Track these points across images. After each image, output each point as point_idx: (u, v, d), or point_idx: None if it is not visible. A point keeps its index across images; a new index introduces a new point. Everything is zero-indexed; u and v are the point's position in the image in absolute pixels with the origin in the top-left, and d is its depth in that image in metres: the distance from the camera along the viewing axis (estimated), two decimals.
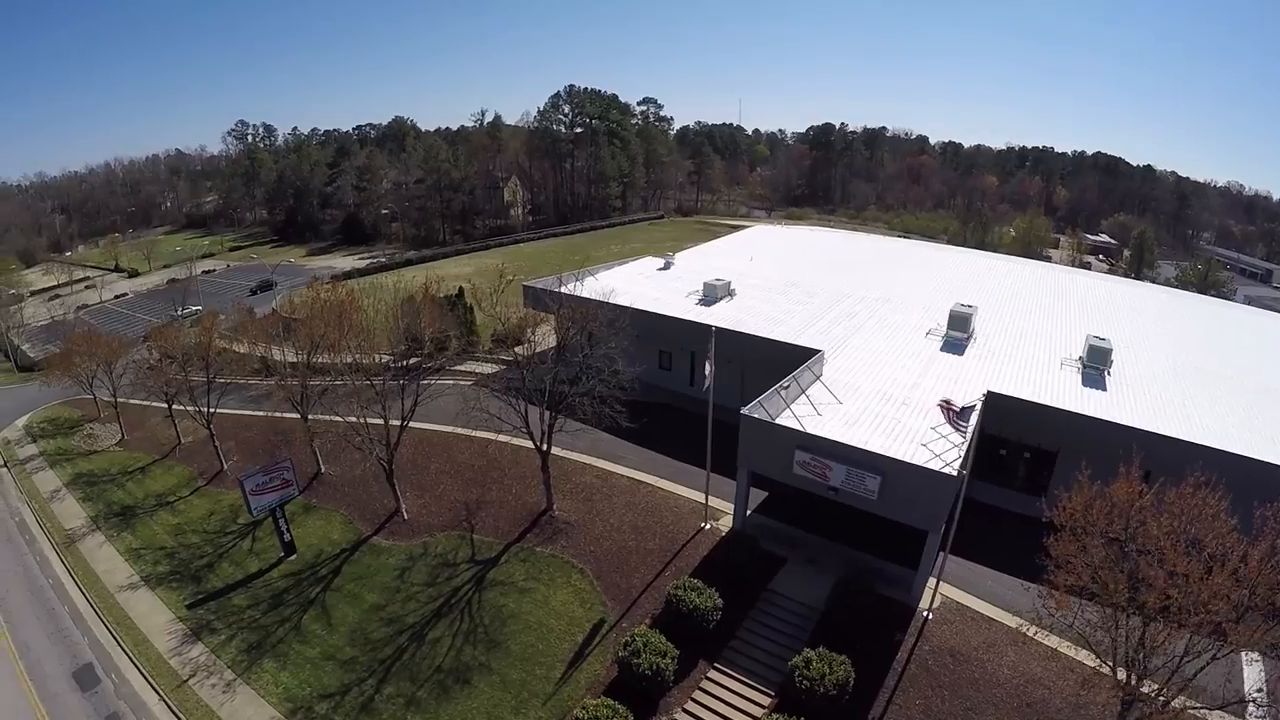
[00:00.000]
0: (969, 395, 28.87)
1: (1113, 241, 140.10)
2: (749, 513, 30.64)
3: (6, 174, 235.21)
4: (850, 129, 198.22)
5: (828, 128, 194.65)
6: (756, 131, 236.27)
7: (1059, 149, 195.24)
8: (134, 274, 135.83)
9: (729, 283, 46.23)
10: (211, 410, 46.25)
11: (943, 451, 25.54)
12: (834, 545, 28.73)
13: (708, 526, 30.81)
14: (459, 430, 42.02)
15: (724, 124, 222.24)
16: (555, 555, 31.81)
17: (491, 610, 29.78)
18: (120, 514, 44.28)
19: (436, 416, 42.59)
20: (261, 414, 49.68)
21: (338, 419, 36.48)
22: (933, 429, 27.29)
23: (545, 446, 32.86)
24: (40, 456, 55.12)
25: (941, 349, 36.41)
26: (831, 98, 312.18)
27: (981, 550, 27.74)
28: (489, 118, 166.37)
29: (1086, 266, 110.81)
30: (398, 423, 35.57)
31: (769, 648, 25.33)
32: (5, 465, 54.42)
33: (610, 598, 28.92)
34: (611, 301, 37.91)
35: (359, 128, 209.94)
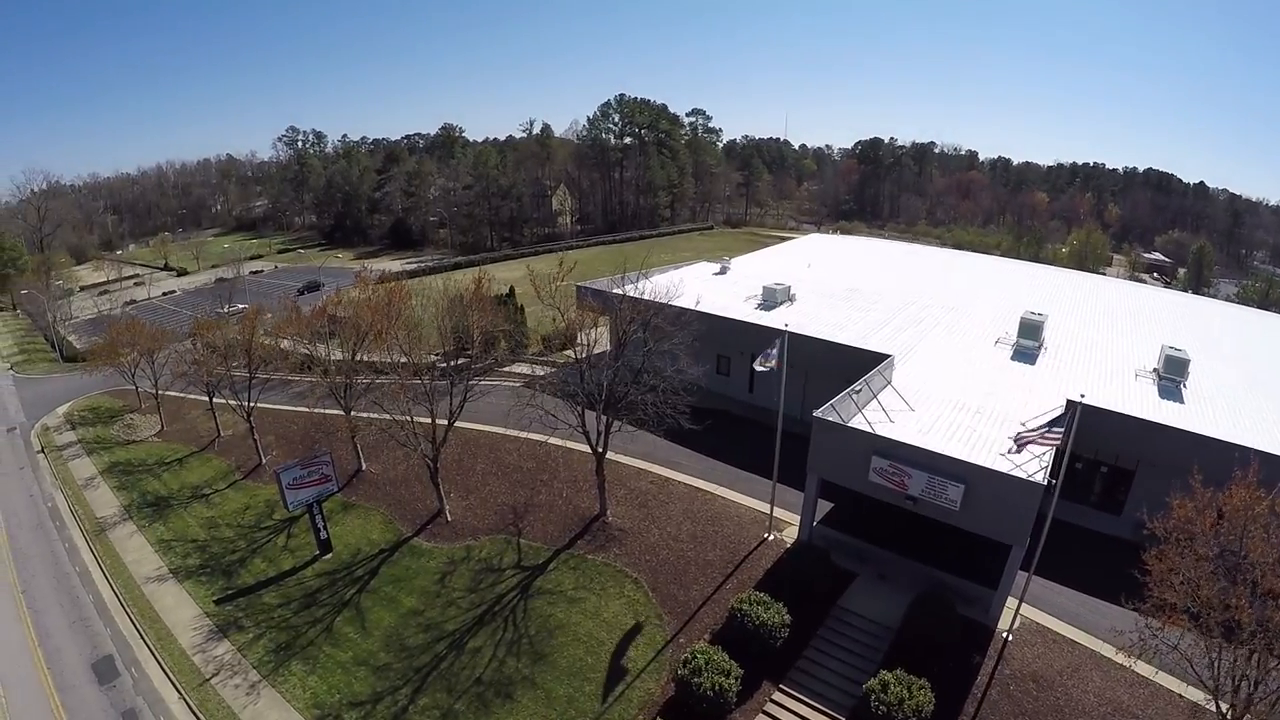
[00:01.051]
0: (1044, 405, 27.93)
1: (1167, 260, 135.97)
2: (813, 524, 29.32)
3: (61, 174, 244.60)
4: (899, 143, 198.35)
5: (876, 142, 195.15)
6: (803, 146, 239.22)
7: (1109, 165, 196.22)
8: (182, 273, 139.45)
9: (789, 287, 45.05)
10: (252, 404, 45.93)
11: (1024, 462, 24.04)
12: (905, 560, 27.52)
13: (771, 537, 29.53)
14: (506, 431, 41.07)
15: (771, 138, 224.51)
16: (608, 564, 30.31)
17: (538, 620, 28.25)
18: (153, 504, 43.82)
19: (483, 416, 41.89)
20: (303, 410, 49.27)
21: (382, 416, 35.21)
22: (1010, 439, 25.69)
23: (601, 449, 31.44)
24: (78, 444, 55.42)
25: (1012, 358, 35.55)
26: (879, 113, 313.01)
27: (1057, 568, 25.65)
28: (537, 128, 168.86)
29: (1142, 283, 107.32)
30: (444, 422, 34.38)
31: (839, 669, 23.95)
32: (42, 451, 54.76)
33: (666, 610, 27.45)
34: (671, 303, 36.17)
35: (407, 137, 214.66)
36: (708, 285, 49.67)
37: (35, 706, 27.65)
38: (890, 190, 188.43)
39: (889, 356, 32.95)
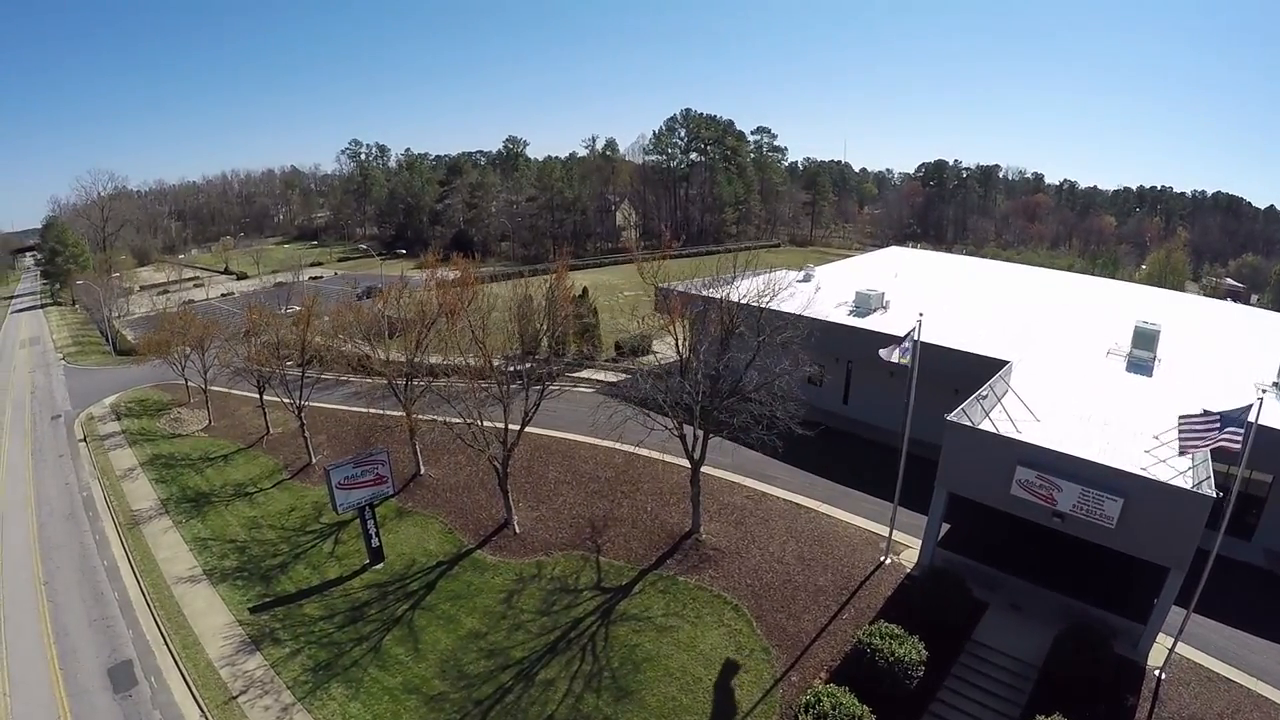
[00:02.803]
0: (1173, 419, 25.31)
1: (1240, 285, 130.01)
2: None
3: (126, 176, 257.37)
4: (963, 165, 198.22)
5: (940, 164, 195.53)
6: (864, 170, 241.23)
7: (1177, 188, 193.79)
8: (241, 276, 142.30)
9: (883, 293, 43.11)
10: (303, 399, 44.22)
11: (1171, 477, 22.22)
12: (1038, 589, 25.28)
13: (888, 561, 27.24)
14: (581, 437, 38.75)
15: (832, 160, 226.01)
16: (703, 587, 27.27)
17: (621, 650, 25.04)
18: (193, 500, 41.90)
19: (555, 421, 39.95)
20: (358, 410, 47.69)
21: (447, 418, 32.37)
22: (1147, 453, 24.50)
23: (699, 454, 28.81)
24: (121, 434, 54.58)
25: (1126, 369, 33.98)
26: (941, 136, 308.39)
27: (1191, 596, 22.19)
28: (600, 143, 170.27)
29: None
30: (516, 427, 31.72)
31: (980, 712, 21.79)
32: (84, 440, 53.98)
33: (774, 643, 24.61)
34: (773, 305, 32.84)
35: (469, 154, 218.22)
36: (792, 292, 46.89)
37: (41, 712, 25.27)
38: (955, 213, 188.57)
39: (1007, 363, 31.12)
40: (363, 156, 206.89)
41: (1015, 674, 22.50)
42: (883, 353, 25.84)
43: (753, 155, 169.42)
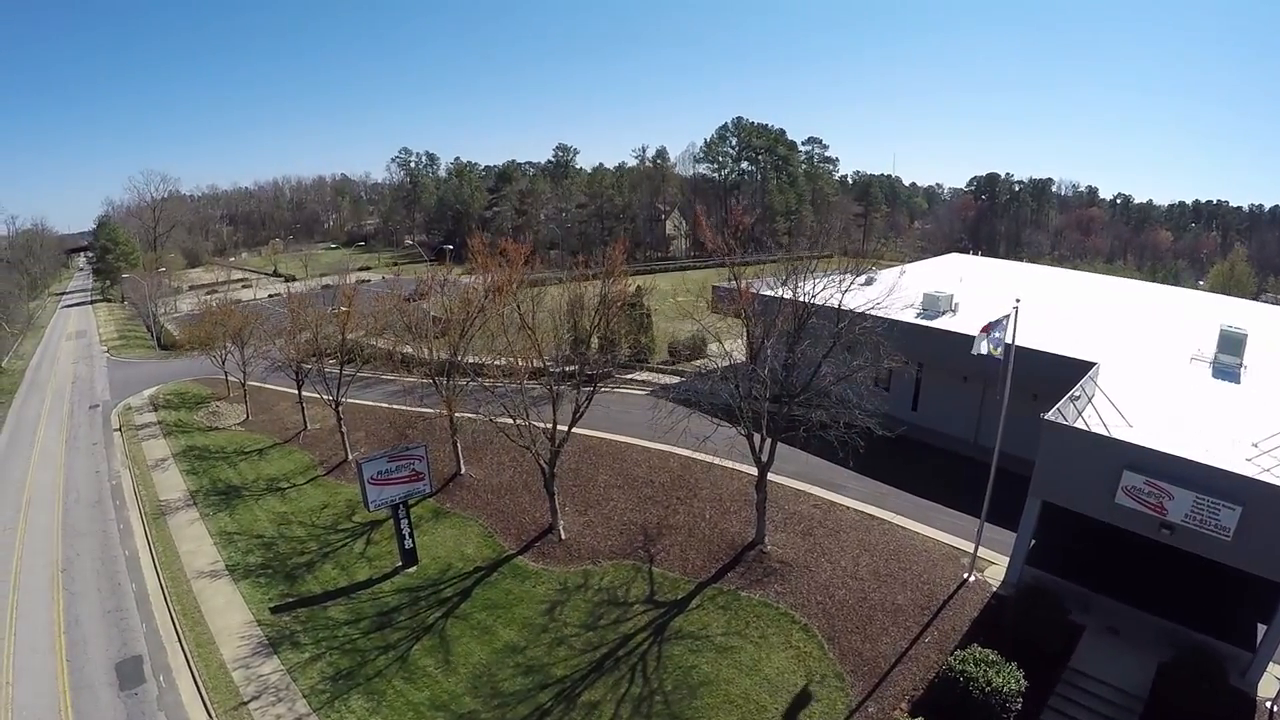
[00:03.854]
0: (1272, 426, 24.49)
1: None
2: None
3: (179, 178, 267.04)
4: (1015, 179, 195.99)
5: (993, 177, 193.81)
6: (914, 185, 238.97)
7: (1234, 203, 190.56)
8: (290, 279, 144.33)
9: (951, 295, 41.14)
10: (341, 391, 43.26)
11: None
12: (1135, 611, 23.39)
13: (972, 579, 25.11)
14: (633, 440, 36.87)
15: (882, 174, 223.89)
16: (768, 604, 25.07)
17: (676, 672, 22.86)
18: (223, 493, 40.86)
19: (604, 423, 38.41)
20: (399, 408, 46.49)
21: (492, 416, 30.55)
22: (1249, 461, 22.39)
23: (766, 458, 26.63)
24: (156, 425, 54.33)
25: (1212, 375, 31.94)
26: (991, 150, 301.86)
27: None
28: (650, 152, 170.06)
29: None
30: (565, 428, 29.72)
31: None
32: (119, 429, 53.74)
33: (849, 668, 22.42)
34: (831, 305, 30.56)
35: (518, 164, 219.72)
36: (855, 293, 44.83)
37: (42, 702, 23.94)
38: (1008, 227, 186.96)
39: (1093, 365, 28.95)
40: (412, 165, 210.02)
41: (1119, 706, 20.70)
42: (981, 348, 23.52)
43: (804, 166, 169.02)
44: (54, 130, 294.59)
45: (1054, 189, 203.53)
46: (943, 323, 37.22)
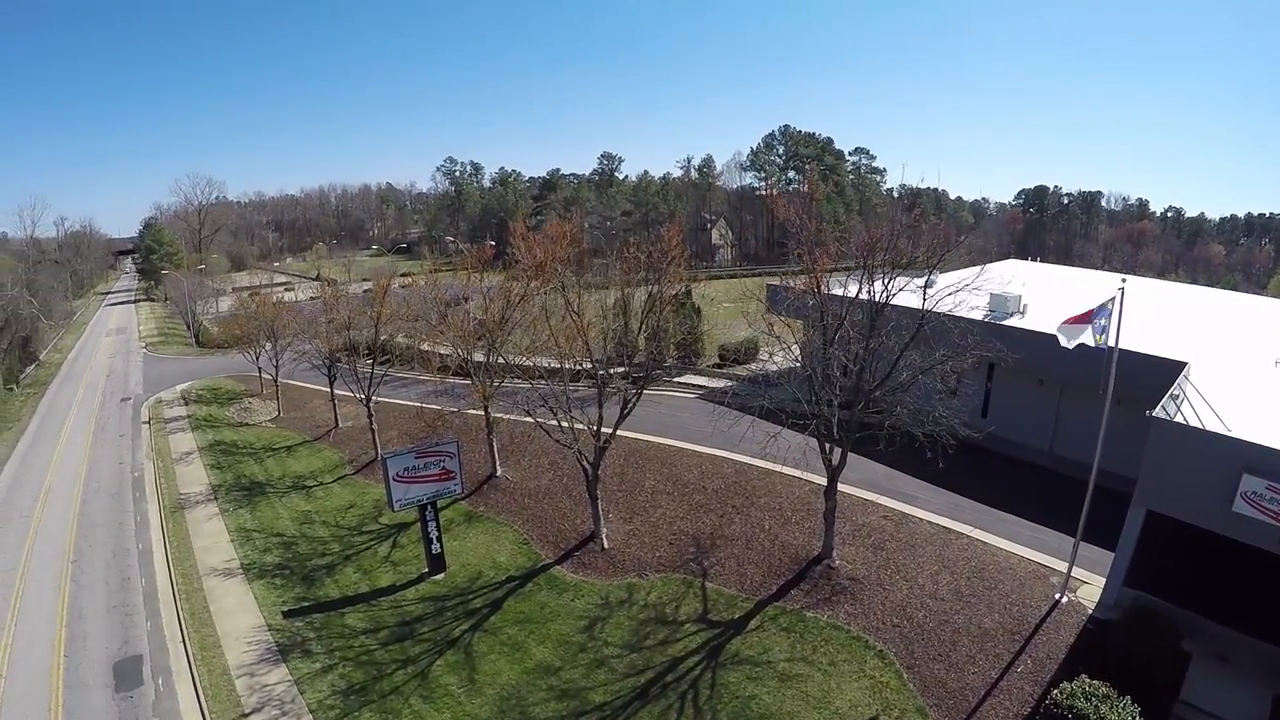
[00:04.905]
0: None
1: None
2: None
3: (225, 185, 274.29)
4: (1064, 192, 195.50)
5: (1041, 190, 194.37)
6: (959, 199, 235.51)
7: None
8: (332, 283, 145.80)
9: (1019, 296, 39.42)
10: (371, 391, 41.93)
11: None
12: (1245, 637, 21.14)
13: (1065, 600, 22.76)
14: (683, 444, 34.73)
15: (928, 188, 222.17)
16: (838, 626, 22.60)
17: (733, 703, 20.37)
18: (246, 488, 39.63)
19: (652, 426, 36.59)
20: (433, 407, 44.65)
21: (534, 413, 28.62)
22: None
23: (838, 461, 24.19)
24: (185, 419, 53.80)
25: None
26: (1038, 163, 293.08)
27: None
28: (696, 161, 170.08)
29: None
30: (609, 430, 27.56)
31: None
32: (148, 422, 53.22)
33: (931, 701, 19.96)
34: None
35: (563, 175, 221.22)
36: (918, 296, 42.74)
37: (33, 699, 22.60)
38: (1057, 241, 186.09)
39: (1184, 364, 26.79)
40: (457, 174, 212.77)
41: None
42: (1063, 334, 21.43)
43: (851, 175, 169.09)
44: (106, 136, 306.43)
45: (1103, 202, 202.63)
46: (1011, 325, 35.01)
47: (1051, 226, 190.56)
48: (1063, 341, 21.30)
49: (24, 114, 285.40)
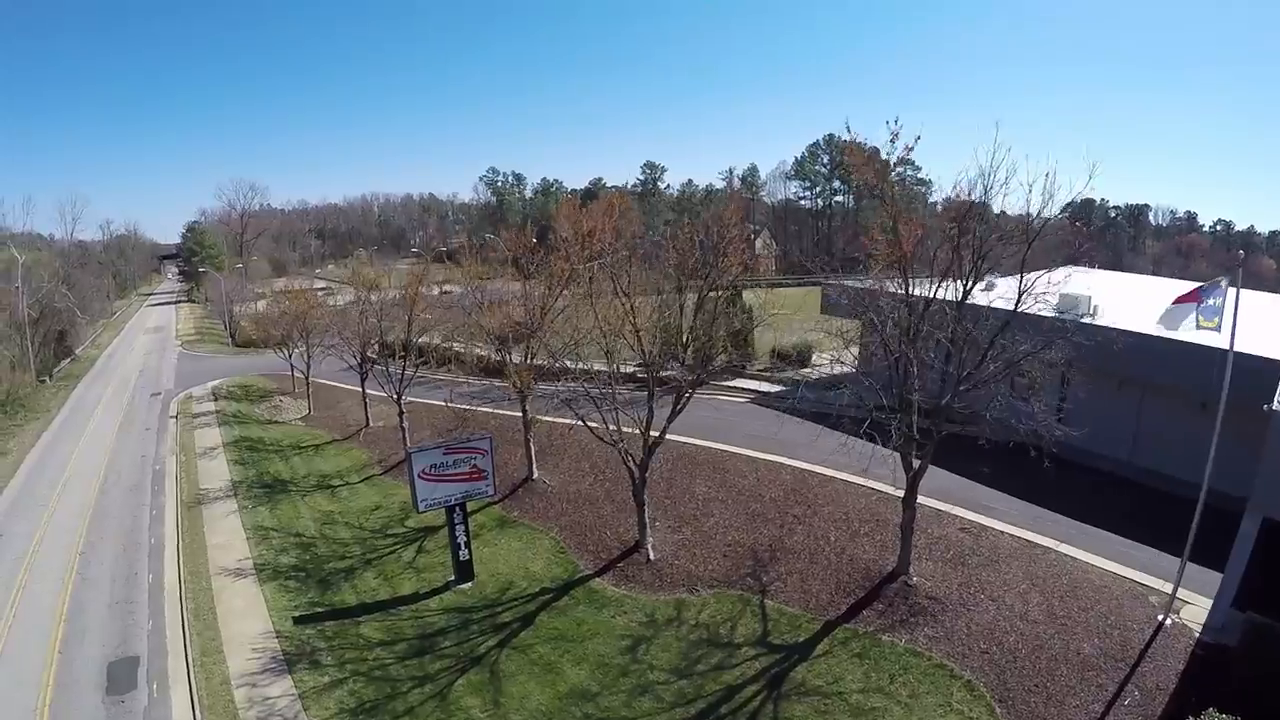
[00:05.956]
0: None
1: None
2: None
3: (269, 189, 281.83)
4: (1111, 204, 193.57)
5: (1088, 203, 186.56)
6: (1003, 213, 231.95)
7: None
8: (374, 288, 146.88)
9: (1089, 297, 37.96)
10: (403, 385, 40.87)
11: None
12: None
13: (1169, 622, 20.57)
14: (736, 449, 32.76)
15: (976, 200, 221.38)
16: (918, 652, 20.25)
17: None
18: (268, 486, 38.34)
19: (702, 429, 34.39)
20: (467, 408, 43.82)
21: (564, 396, 26.84)
22: None
23: (918, 469, 21.97)
24: (213, 415, 53.10)
25: None
26: (1079, 176, 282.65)
27: None
28: (740, 170, 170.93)
29: None
30: (656, 433, 25.65)
31: None
32: (175, 417, 52.55)
33: None
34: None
35: (605, 186, 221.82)
36: (981, 297, 41.55)
37: (20, 696, 21.13)
38: (1104, 255, 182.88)
39: None
40: (499, 184, 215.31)
41: None
42: (1168, 318, 20.33)
43: (897, 187, 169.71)
44: (154, 142, 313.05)
45: (1151, 215, 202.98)
46: (1100, 322, 32.95)
47: (1099, 240, 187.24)
48: (1165, 328, 20.07)
49: (72, 116, 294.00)
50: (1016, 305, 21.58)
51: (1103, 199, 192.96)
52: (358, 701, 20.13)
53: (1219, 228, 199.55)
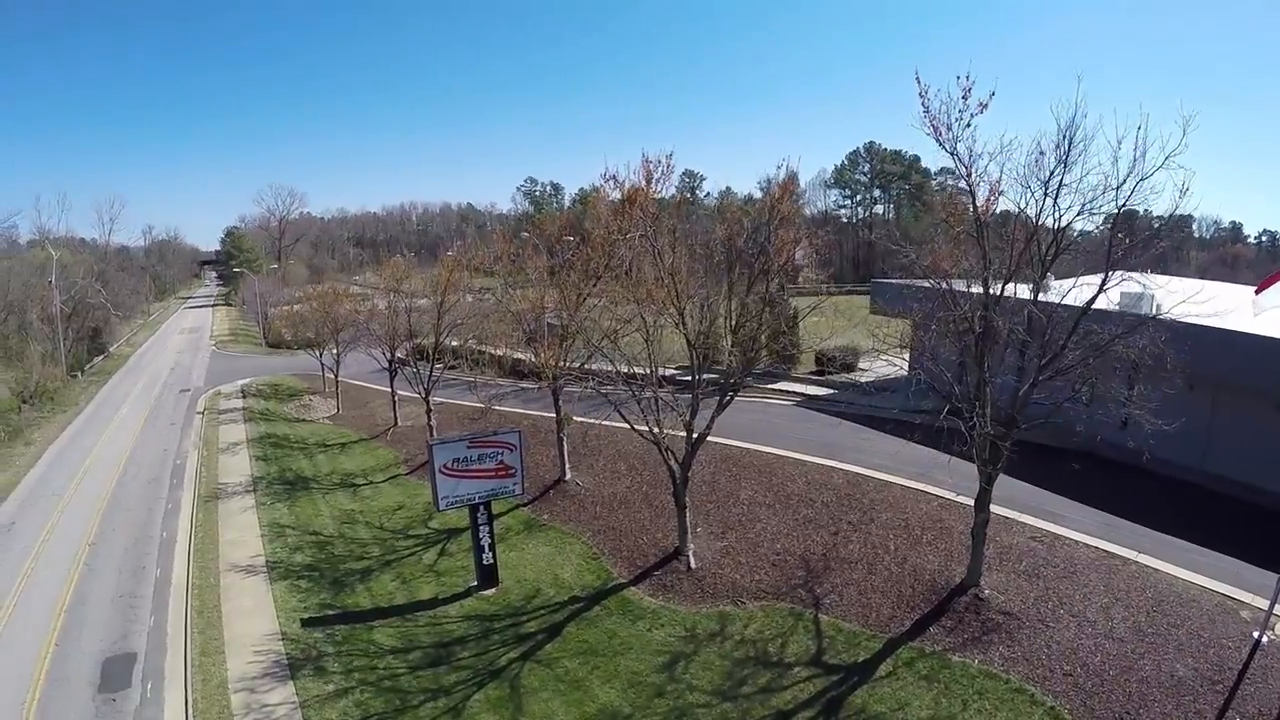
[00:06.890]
0: None
1: None
2: None
3: (307, 197, 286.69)
4: (1154, 215, 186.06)
5: (1130, 214, 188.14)
6: (1044, 224, 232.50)
7: None
8: (410, 295, 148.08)
9: (1152, 295, 34.22)
10: (431, 382, 40.16)
11: None
12: None
13: (1266, 639, 18.92)
14: (782, 452, 31.13)
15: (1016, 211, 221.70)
16: (993, 673, 18.30)
17: None
18: (289, 483, 37.39)
19: (745, 432, 33.07)
20: (498, 408, 42.78)
21: (597, 387, 25.51)
22: None
23: (992, 472, 20.12)
24: (240, 411, 52.85)
25: None
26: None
27: None
28: (781, 175, 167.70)
29: None
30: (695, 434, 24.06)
31: None
32: (202, 412, 52.18)
33: None
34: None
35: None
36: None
37: (10, 688, 20.16)
38: (1148, 265, 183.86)
39: None
40: (537, 194, 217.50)
41: None
42: (1259, 302, 21.14)
43: (938, 196, 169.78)
44: (197, 150, 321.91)
45: (1194, 225, 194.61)
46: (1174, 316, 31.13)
47: (1141, 251, 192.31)
48: (1254, 312, 20.30)
49: (116, 122, 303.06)
50: (1103, 284, 20.74)
51: (1146, 209, 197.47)
52: (363, 714, 18.41)
53: (1264, 238, 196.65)
